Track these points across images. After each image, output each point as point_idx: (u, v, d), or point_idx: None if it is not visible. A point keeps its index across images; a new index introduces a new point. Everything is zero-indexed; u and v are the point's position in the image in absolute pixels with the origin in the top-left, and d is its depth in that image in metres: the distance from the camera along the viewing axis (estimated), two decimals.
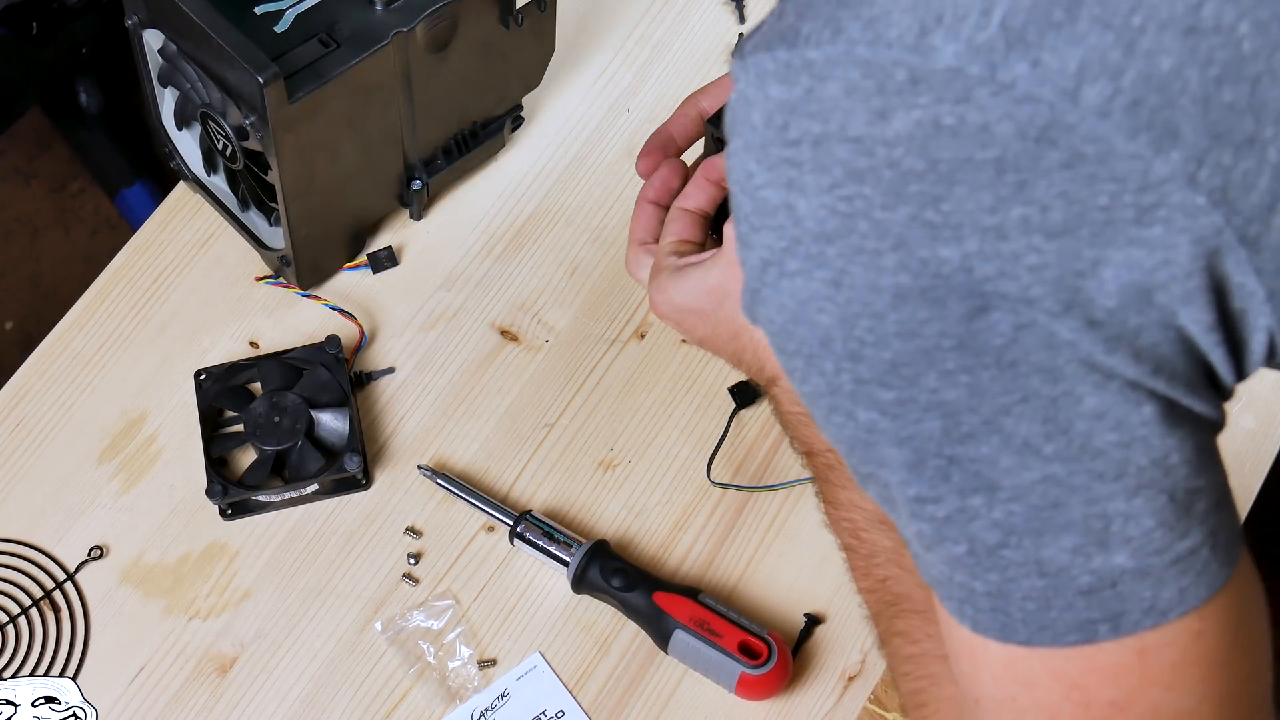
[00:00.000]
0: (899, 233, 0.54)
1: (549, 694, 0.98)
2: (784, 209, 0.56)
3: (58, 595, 1.01)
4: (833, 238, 0.55)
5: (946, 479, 0.58)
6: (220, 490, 1.01)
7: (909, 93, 0.53)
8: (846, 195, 0.55)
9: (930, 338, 0.55)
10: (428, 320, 1.11)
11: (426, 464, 1.05)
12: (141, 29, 1.04)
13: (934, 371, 0.56)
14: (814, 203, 0.55)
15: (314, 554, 1.03)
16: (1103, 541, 0.57)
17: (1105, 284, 0.54)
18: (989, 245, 0.54)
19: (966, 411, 0.56)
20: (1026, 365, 0.55)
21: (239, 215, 1.10)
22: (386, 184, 1.11)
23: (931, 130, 0.53)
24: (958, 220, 0.53)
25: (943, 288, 0.54)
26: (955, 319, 0.55)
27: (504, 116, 1.14)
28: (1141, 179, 0.52)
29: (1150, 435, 0.56)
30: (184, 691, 0.98)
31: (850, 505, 0.84)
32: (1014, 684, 0.62)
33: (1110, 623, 0.58)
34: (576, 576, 0.99)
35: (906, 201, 0.54)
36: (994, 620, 0.60)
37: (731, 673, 0.95)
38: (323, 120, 0.99)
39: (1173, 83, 0.52)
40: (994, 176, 0.53)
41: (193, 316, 1.11)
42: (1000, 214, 0.53)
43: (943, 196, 0.53)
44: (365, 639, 1.00)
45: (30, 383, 1.08)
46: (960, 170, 0.53)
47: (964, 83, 0.52)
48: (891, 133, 0.53)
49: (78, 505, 1.04)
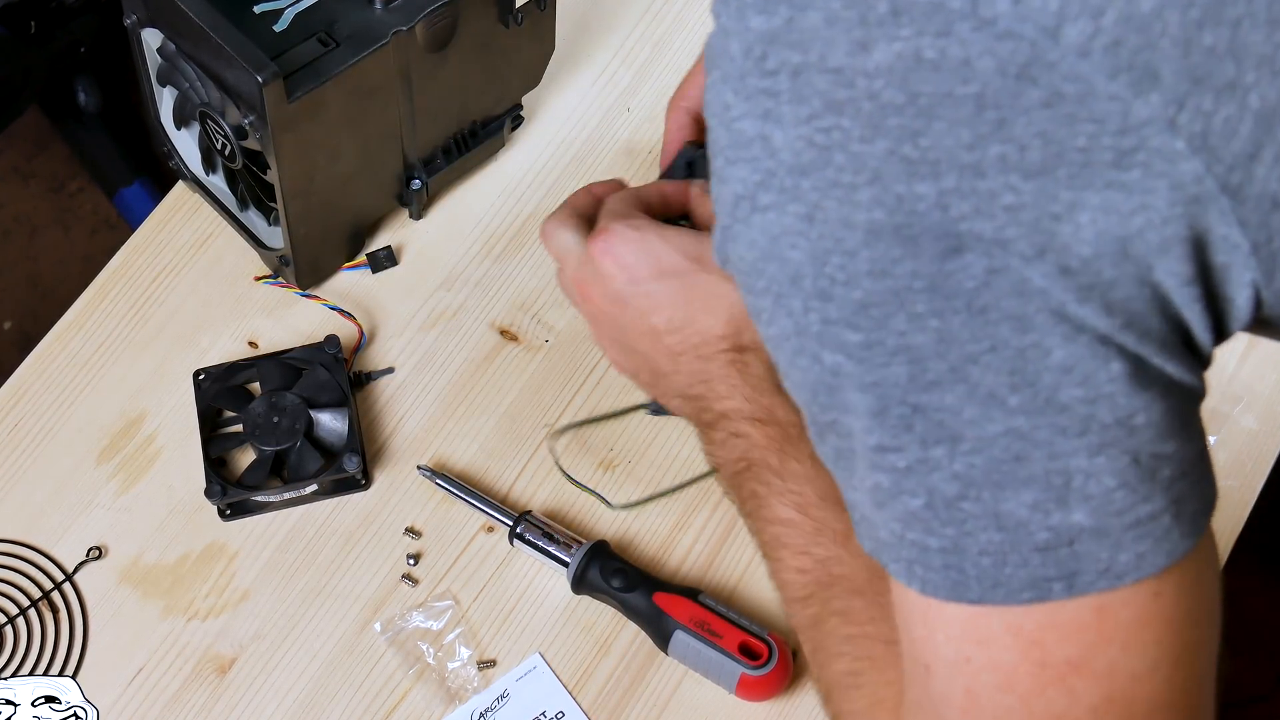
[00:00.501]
0: (876, 167, 0.54)
1: (549, 695, 0.98)
2: (759, 140, 0.56)
3: (56, 596, 1.01)
4: (808, 170, 0.55)
5: (909, 428, 0.57)
6: (219, 490, 1.01)
7: (890, 24, 0.52)
8: (824, 127, 0.54)
9: (901, 278, 0.55)
10: (427, 320, 1.11)
11: (426, 464, 1.05)
12: (140, 28, 1.03)
13: (903, 314, 0.55)
14: (790, 134, 0.55)
15: (313, 554, 1.03)
16: (1062, 498, 0.57)
17: (1081, 229, 0.53)
18: (966, 183, 0.53)
19: (934, 358, 0.56)
20: (997, 312, 0.55)
21: (238, 215, 1.10)
22: (386, 183, 1.11)
23: (912, 63, 0.52)
24: (935, 156, 0.53)
25: (917, 225, 0.54)
26: (928, 258, 0.54)
27: (504, 116, 1.14)
28: (1120, 121, 0.52)
29: (1117, 393, 0.56)
30: (183, 692, 0.98)
31: (803, 479, 0.83)
32: (969, 644, 0.61)
33: (1065, 581, 0.58)
34: (576, 577, 0.99)
35: (885, 135, 0.53)
36: (946, 578, 0.59)
37: (732, 673, 0.95)
38: (322, 119, 0.99)
39: (1153, 24, 0.52)
40: (973, 113, 0.52)
41: (191, 316, 1.11)
42: (978, 151, 0.53)
43: (921, 131, 0.53)
44: (364, 640, 1.00)
45: (29, 383, 1.08)
46: (940, 105, 0.53)
47: (946, 16, 0.52)
48: (872, 64, 0.53)
49: (76, 505, 1.04)
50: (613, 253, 0.87)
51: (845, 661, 0.77)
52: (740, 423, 0.86)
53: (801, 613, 0.81)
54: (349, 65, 0.98)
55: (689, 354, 0.88)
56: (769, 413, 0.85)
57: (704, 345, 0.88)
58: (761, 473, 0.85)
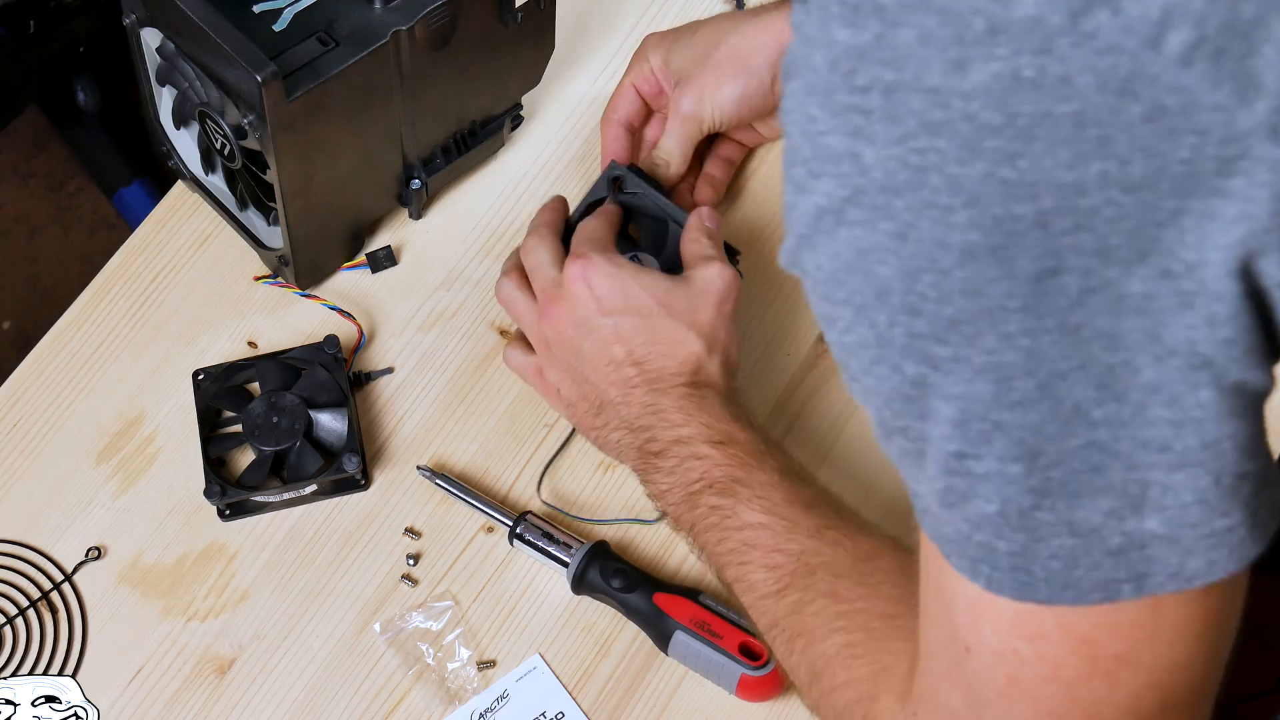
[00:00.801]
0: (973, 189, 0.53)
1: (549, 695, 0.98)
2: (849, 157, 0.55)
3: (55, 596, 1.01)
4: (901, 190, 0.54)
5: (989, 441, 0.57)
6: (218, 491, 1.01)
7: (987, 43, 0.51)
8: (919, 148, 0.53)
9: (995, 297, 0.55)
10: (427, 320, 1.11)
11: (425, 465, 1.04)
12: (139, 27, 1.03)
13: (994, 332, 0.55)
14: (883, 153, 0.54)
15: (312, 555, 1.02)
16: (1137, 507, 0.57)
17: (1185, 234, 0.53)
18: (1065, 201, 0.52)
19: (1021, 375, 0.56)
20: (1089, 330, 0.54)
21: (237, 214, 1.10)
22: (385, 183, 1.10)
23: (1010, 83, 0.52)
24: (1034, 177, 0.52)
25: (1014, 246, 0.54)
26: (1023, 279, 0.54)
27: (503, 115, 1.14)
28: (1224, 131, 0.51)
29: (1205, 419, 0.56)
30: (182, 693, 0.98)
31: (770, 486, 0.87)
32: (1019, 638, 0.62)
33: (1134, 583, 0.58)
34: (576, 577, 0.99)
35: (982, 157, 0.53)
36: (1013, 579, 0.60)
37: (732, 674, 0.95)
38: (321, 119, 0.99)
39: (1256, 30, 0.51)
40: (1073, 131, 0.52)
41: (191, 316, 1.11)
42: (1079, 170, 0.52)
43: (1020, 153, 0.52)
44: (364, 640, 0.99)
45: (27, 383, 1.08)
46: (1038, 125, 0.52)
47: (1045, 33, 0.51)
48: (969, 85, 0.52)
49: (75, 506, 1.04)
50: (588, 280, 0.93)
51: (841, 635, 0.79)
52: (699, 445, 0.90)
53: (775, 605, 0.83)
54: (348, 64, 0.98)
55: (643, 387, 0.93)
56: (728, 435, 0.90)
57: (660, 380, 0.93)
58: (727, 486, 0.88)
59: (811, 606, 0.81)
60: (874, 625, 0.79)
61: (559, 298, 0.96)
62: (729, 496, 0.88)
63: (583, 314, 0.94)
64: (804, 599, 0.82)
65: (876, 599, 0.80)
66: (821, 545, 0.84)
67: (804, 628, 0.82)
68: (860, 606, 0.80)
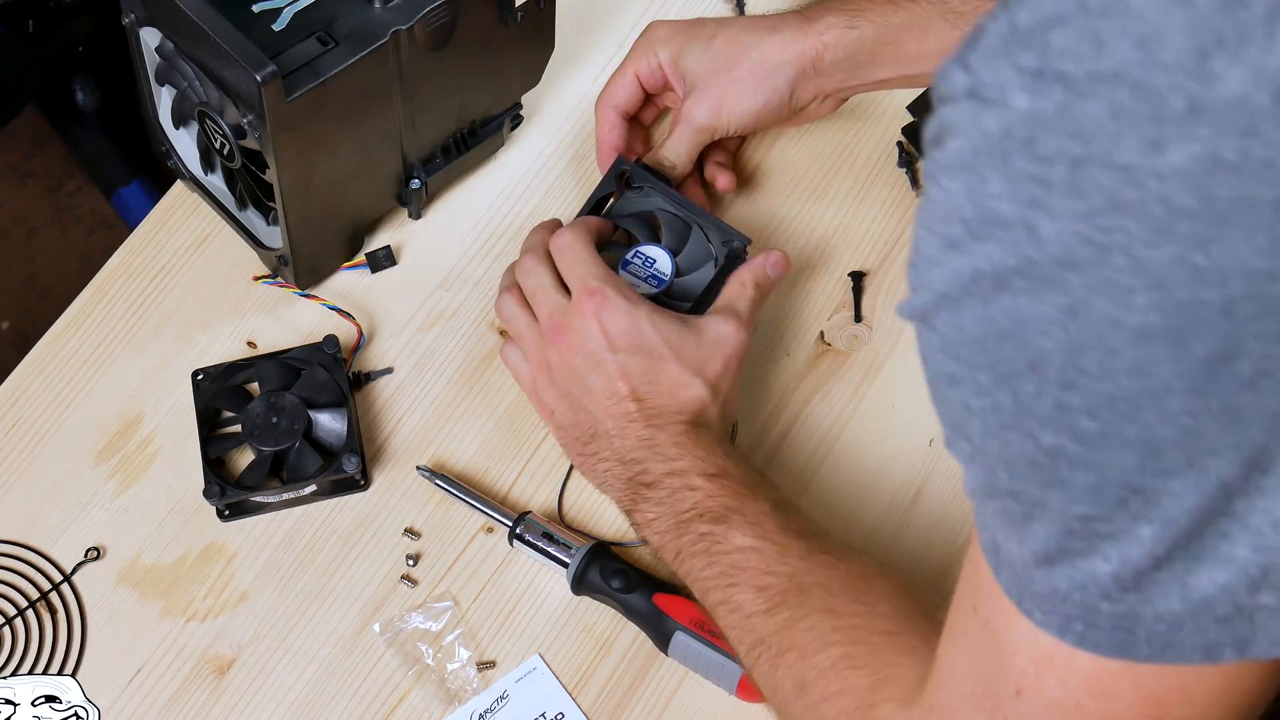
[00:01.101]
0: (1159, 273, 0.51)
1: (549, 696, 0.98)
2: (1022, 226, 0.53)
3: (54, 597, 1.00)
4: (1080, 267, 0.52)
5: (1123, 505, 0.56)
6: (218, 491, 1.01)
7: (1188, 123, 0.49)
8: (1105, 226, 0.51)
9: (1162, 378, 0.53)
10: (426, 320, 1.11)
11: (425, 465, 1.04)
12: (138, 27, 1.03)
13: (1154, 410, 0.54)
14: (1063, 227, 0.52)
15: (312, 555, 1.02)
16: (1257, 583, 0.57)
17: None
18: (1255, 288, 0.51)
19: (1172, 449, 0.55)
20: (1252, 410, 0.53)
21: (236, 214, 1.10)
22: (385, 183, 1.10)
23: (1210, 165, 0.50)
24: (1225, 263, 0.51)
25: (1193, 330, 0.52)
26: (1196, 361, 0.52)
27: (503, 115, 1.14)
28: None
29: None
30: (181, 693, 0.98)
31: (763, 514, 0.88)
32: (1088, 694, 0.62)
33: (1236, 648, 0.58)
34: (576, 578, 0.99)
35: (1173, 241, 0.51)
36: (1113, 639, 0.60)
37: (732, 674, 0.95)
38: (321, 119, 0.99)
39: None
40: (1271, 217, 0.50)
41: (190, 316, 1.10)
42: (1273, 257, 0.50)
43: (1213, 238, 0.50)
44: (363, 641, 0.99)
45: (26, 383, 1.08)
46: (1236, 210, 0.50)
47: (1249, 114, 0.49)
48: (1165, 165, 0.50)
49: (74, 506, 1.03)
50: (601, 318, 0.95)
51: (837, 649, 0.79)
52: (692, 478, 0.91)
53: (764, 623, 0.84)
54: (348, 64, 0.97)
55: (641, 422, 0.94)
56: (721, 469, 0.91)
57: (659, 417, 0.94)
58: (719, 514, 0.89)
59: (805, 622, 0.82)
60: (873, 640, 0.79)
61: (567, 327, 0.96)
62: (720, 524, 0.88)
63: (591, 347, 0.95)
64: (796, 615, 0.83)
65: (874, 616, 0.80)
66: (815, 566, 0.85)
67: (794, 643, 0.82)
68: (858, 623, 0.80)
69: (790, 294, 1.11)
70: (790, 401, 1.08)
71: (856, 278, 1.11)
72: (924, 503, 1.04)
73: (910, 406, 1.07)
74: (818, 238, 1.13)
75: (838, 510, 1.03)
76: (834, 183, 1.16)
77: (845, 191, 1.16)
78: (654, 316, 0.95)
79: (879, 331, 1.10)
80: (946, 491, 1.03)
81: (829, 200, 1.15)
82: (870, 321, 1.10)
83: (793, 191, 1.16)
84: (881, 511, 1.03)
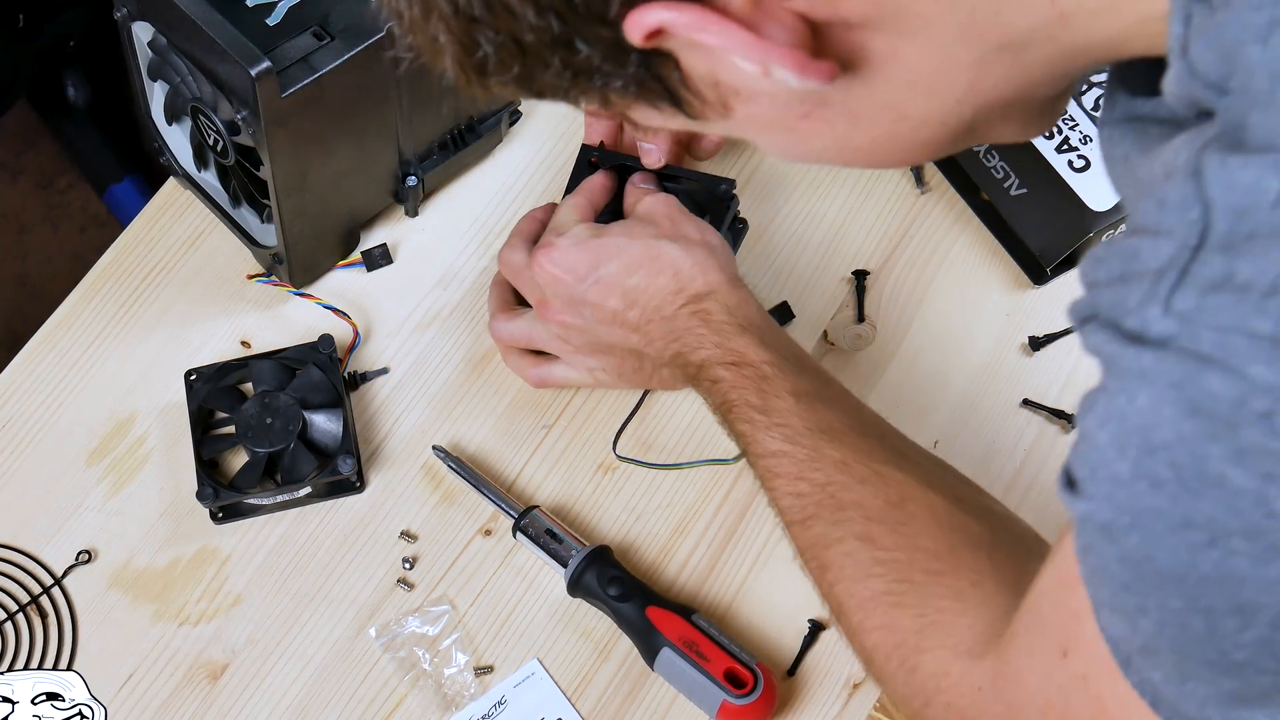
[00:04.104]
0: None
1: (547, 701, 0.97)
2: (1251, 497, 0.53)
3: (45, 600, 0.99)
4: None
5: None
6: (211, 493, 1.00)
7: None
8: None
9: None
10: (423, 319, 1.10)
11: (441, 445, 1.04)
12: (131, 21, 1.02)
13: None
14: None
15: (307, 558, 1.01)
16: None
17: None
18: None
19: None
20: None
21: (230, 212, 1.09)
22: (381, 180, 1.09)
23: None
24: None
25: None
26: None
27: (501, 111, 1.13)
28: None
29: None
30: (174, 699, 0.97)
31: (787, 413, 0.87)
32: None
33: None
34: (573, 580, 0.98)
35: None
36: None
37: (714, 699, 0.93)
38: (316, 115, 0.98)
39: None
40: None
41: (183, 315, 1.09)
42: None
43: None
44: (359, 645, 0.98)
45: (17, 383, 1.07)
46: None
47: None
48: None
49: (65, 508, 1.02)
50: (553, 260, 0.96)
51: (878, 582, 0.80)
52: (715, 369, 0.91)
53: (804, 534, 0.85)
54: (344, 59, 0.97)
55: (653, 320, 0.94)
56: (740, 355, 0.90)
57: (663, 305, 0.94)
58: (744, 411, 0.89)
59: (843, 546, 0.82)
60: (915, 577, 0.79)
61: (546, 298, 0.98)
62: (747, 423, 0.89)
63: (566, 293, 0.96)
64: (832, 535, 0.83)
65: (915, 551, 0.81)
66: (849, 480, 0.84)
67: (831, 563, 0.83)
68: (900, 557, 0.81)
69: (793, 293, 1.10)
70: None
71: (860, 276, 1.10)
72: None
73: (914, 407, 1.06)
74: (820, 236, 1.13)
75: None
76: (837, 180, 1.15)
77: (848, 189, 1.15)
78: (596, 229, 0.97)
79: (883, 331, 1.09)
80: None
81: (832, 198, 1.14)
82: (874, 321, 1.09)
83: (795, 189, 1.15)
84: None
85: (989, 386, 1.07)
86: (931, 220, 1.13)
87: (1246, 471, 0.53)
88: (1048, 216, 1.07)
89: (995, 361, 1.08)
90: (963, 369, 1.08)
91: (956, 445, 1.04)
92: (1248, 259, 0.51)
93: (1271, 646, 0.55)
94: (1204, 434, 0.53)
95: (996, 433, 1.05)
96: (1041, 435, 1.05)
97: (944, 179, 1.15)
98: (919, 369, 1.08)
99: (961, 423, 1.05)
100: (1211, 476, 0.53)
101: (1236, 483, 0.53)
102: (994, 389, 1.07)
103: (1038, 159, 1.08)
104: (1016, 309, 1.10)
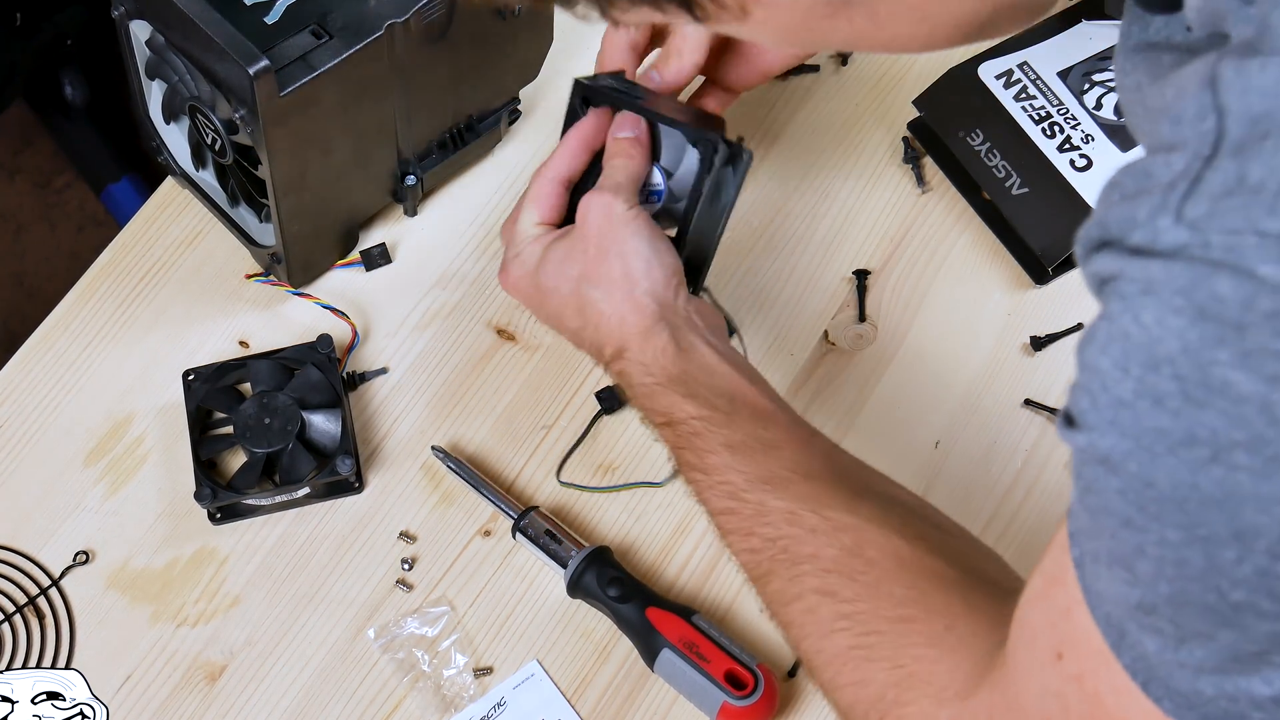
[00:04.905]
0: None
1: (547, 703, 0.96)
2: (1256, 403, 0.52)
3: (42, 601, 0.99)
4: None
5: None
6: (209, 493, 0.99)
7: None
8: None
9: None
10: (422, 319, 1.09)
11: (440, 445, 1.03)
12: (128, 20, 1.02)
13: None
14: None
15: (305, 559, 1.01)
16: None
17: None
18: None
19: None
20: None
21: (228, 211, 1.09)
22: (380, 179, 1.09)
23: None
24: None
25: None
26: None
27: (501, 110, 1.13)
28: None
29: None
30: (171, 700, 0.97)
31: (725, 469, 0.84)
32: None
33: None
34: (573, 580, 0.97)
35: None
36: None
37: (714, 700, 0.93)
38: (314, 114, 0.98)
39: None
40: None
41: (181, 315, 1.09)
42: None
43: None
44: (358, 647, 0.98)
45: (13, 383, 1.06)
46: None
47: None
48: None
49: (63, 509, 1.02)
50: (509, 282, 0.95)
51: (846, 637, 0.78)
52: (653, 427, 0.90)
53: (764, 590, 0.83)
54: (342, 58, 0.97)
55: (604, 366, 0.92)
56: (667, 414, 0.88)
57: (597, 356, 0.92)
58: (687, 471, 0.87)
59: (802, 602, 0.80)
60: (882, 628, 0.77)
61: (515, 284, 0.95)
62: (694, 483, 0.87)
63: (524, 298, 0.95)
64: (790, 591, 0.81)
65: (879, 599, 0.78)
66: (800, 531, 0.81)
67: (794, 620, 0.80)
68: (862, 607, 0.78)
69: (793, 293, 1.10)
70: (793, 401, 1.06)
71: (861, 276, 1.10)
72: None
73: (915, 408, 1.06)
74: (821, 235, 1.12)
75: None
76: (838, 179, 1.15)
77: (849, 188, 1.14)
78: (543, 250, 0.92)
79: (884, 331, 1.09)
80: (951, 493, 1.02)
81: (833, 197, 1.14)
82: (875, 321, 1.09)
83: (796, 188, 1.14)
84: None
85: (990, 387, 1.07)
86: (933, 220, 1.13)
87: (1251, 375, 0.51)
88: (1049, 216, 1.07)
89: (997, 361, 1.08)
90: (964, 369, 1.08)
91: (957, 446, 1.04)
92: (1260, 160, 0.50)
93: (1269, 581, 0.54)
94: (1210, 339, 0.52)
95: (998, 433, 1.05)
96: (1043, 436, 1.05)
97: (945, 178, 1.15)
98: (920, 369, 1.07)
99: (963, 423, 1.05)
100: (1216, 384, 0.52)
101: (1241, 388, 0.52)
102: (995, 389, 1.07)
103: (1039, 158, 1.08)
104: (1018, 309, 1.10)
